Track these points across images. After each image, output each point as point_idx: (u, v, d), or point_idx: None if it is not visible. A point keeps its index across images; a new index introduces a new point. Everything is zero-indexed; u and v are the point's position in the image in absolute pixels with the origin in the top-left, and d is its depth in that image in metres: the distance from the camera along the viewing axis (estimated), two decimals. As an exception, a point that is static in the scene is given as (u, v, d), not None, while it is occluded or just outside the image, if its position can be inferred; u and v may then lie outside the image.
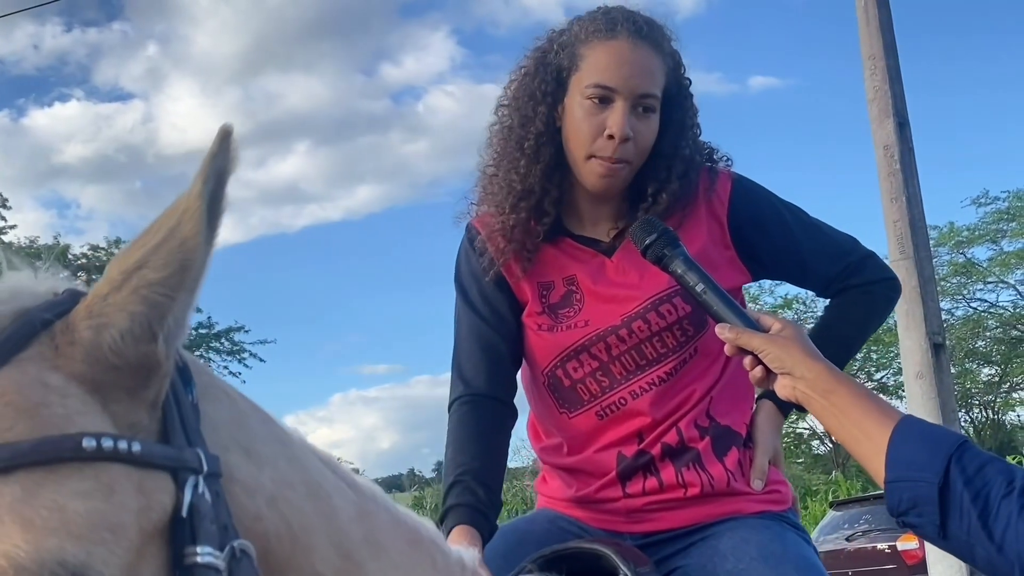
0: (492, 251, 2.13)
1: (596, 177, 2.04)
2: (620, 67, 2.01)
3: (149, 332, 0.90)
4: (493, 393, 2.10)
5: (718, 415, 2.06)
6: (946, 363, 9.73)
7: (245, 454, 1.01)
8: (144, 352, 0.90)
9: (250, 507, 0.99)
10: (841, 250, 2.17)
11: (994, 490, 1.44)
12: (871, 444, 1.55)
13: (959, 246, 30.72)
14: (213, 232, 0.91)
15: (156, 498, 0.90)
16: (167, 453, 0.92)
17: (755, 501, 2.03)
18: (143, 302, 0.90)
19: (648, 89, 2.03)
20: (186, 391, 0.97)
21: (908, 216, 9.52)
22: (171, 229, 0.90)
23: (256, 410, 1.08)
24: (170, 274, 0.90)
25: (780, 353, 1.64)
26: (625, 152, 2.01)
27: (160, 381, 0.93)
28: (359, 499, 1.17)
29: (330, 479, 1.13)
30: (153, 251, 0.90)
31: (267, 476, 1.02)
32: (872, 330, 2.25)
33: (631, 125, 2.00)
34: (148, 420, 0.93)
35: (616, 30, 2.05)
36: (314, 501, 1.07)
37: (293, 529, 1.02)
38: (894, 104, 9.65)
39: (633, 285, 2.06)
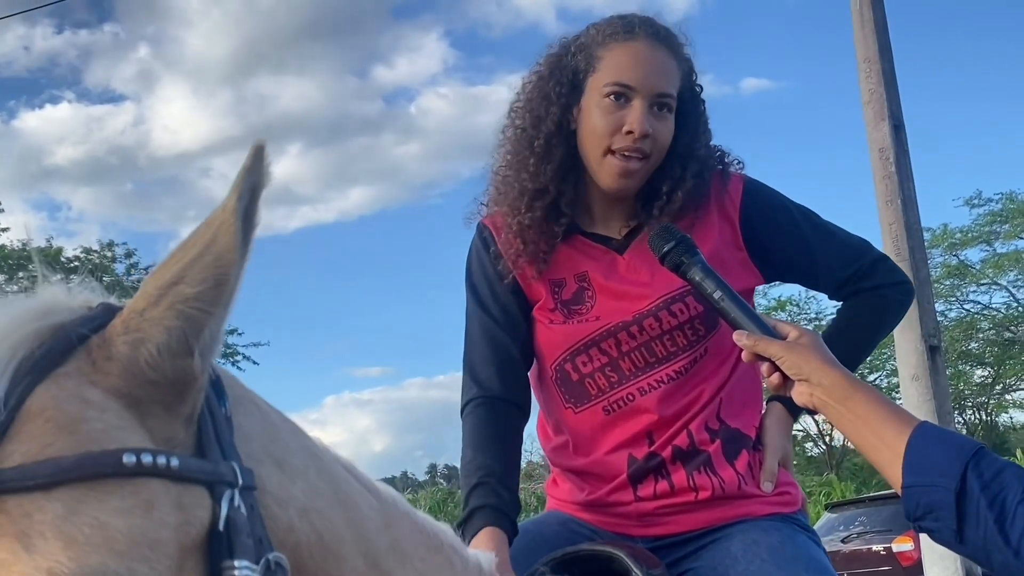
0: (507, 252, 2.14)
1: (613, 176, 2.06)
2: (639, 66, 2.05)
3: (186, 347, 0.91)
4: (507, 395, 2.11)
5: (728, 417, 2.07)
6: (941, 365, 9.74)
7: (277, 466, 1.01)
8: (181, 367, 0.91)
9: (283, 519, 0.99)
10: (853, 253, 2.17)
11: (1011, 496, 1.44)
12: (888, 450, 1.56)
13: (952, 248, 30.83)
14: (247, 247, 0.92)
15: (194, 513, 0.90)
16: (203, 467, 0.92)
17: (765, 503, 2.04)
18: (180, 317, 0.90)
19: (665, 88, 2.06)
20: (219, 404, 0.98)
21: (903, 219, 9.54)
22: (207, 244, 0.91)
23: (286, 421, 1.09)
24: (206, 289, 0.90)
25: (798, 360, 1.66)
26: (645, 145, 2.04)
27: (196, 395, 0.94)
28: (383, 507, 1.18)
29: (356, 488, 1.14)
30: (189, 266, 0.91)
31: (298, 487, 1.02)
32: (884, 333, 2.25)
33: (649, 123, 2.03)
34: (184, 434, 0.94)
35: (635, 32, 2.09)
36: (343, 511, 1.08)
37: (324, 539, 1.03)
38: (889, 107, 9.67)
39: (645, 283, 2.08)
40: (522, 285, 2.16)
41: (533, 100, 2.16)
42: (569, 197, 2.12)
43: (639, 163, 2.05)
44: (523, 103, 2.19)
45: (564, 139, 2.11)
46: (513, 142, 2.18)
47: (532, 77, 2.19)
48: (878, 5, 9.94)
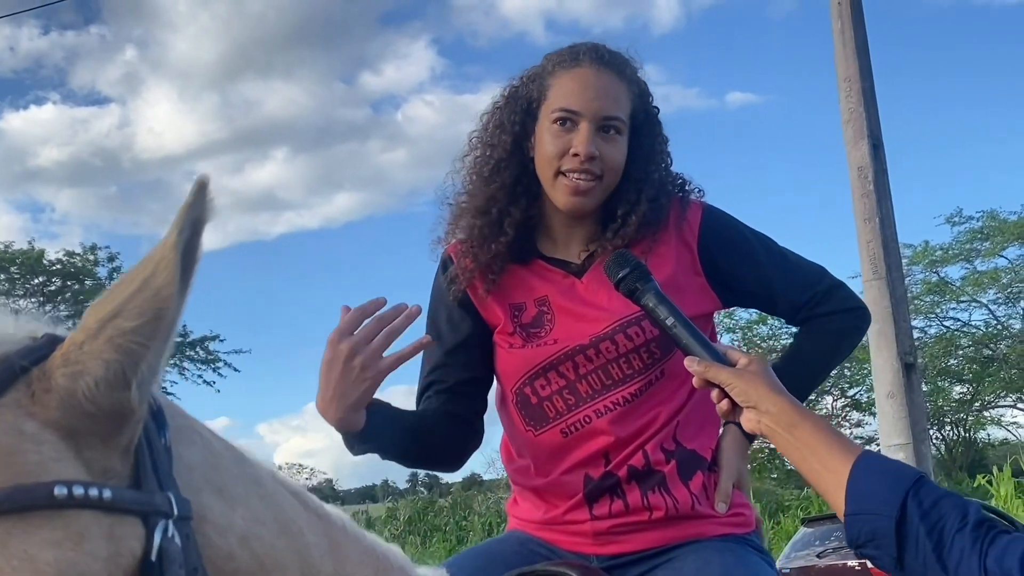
0: (460, 273, 2.19)
1: (566, 195, 2.11)
2: (583, 91, 2.11)
3: (123, 380, 0.92)
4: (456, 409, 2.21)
5: (684, 439, 2.10)
6: (917, 383, 9.82)
7: (218, 494, 1.03)
8: (118, 399, 0.92)
9: (223, 547, 1.00)
10: (809, 279, 2.21)
11: (949, 524, 1.48)
12: (832, 478, 1.60)
13: (933, 265, 30.98)
14: (187, 282, 0.94)
15: (126, 544, 0.91)
16: (138, 498, 0.93)
17: (719, 524, 2.08)
18: (118, 350, 0.92)
19: (611, 112, 2.11)
20: (159, 435, 0.99)
21: (881, 237, 9.62)
22: (145, 279, 0.92)
23: (230, 449, 1.10)
24: (144, 323, 0.92)
25: (746, 387, 1.69)
26: (594, 167, 2.08)
27: (133, 427, 0.95)
28: (329, 531, 1.19)
29: (301, 514, 1.15)
30: (128, 300, 0.92)
31: (239, 515, 1.04)
32: (840, 358, 2.29)
33: (596, 145, 2.08)
34: (121, 465, 0.95)
35: (579, 59, 2.15)
36: (286, 538, 1.09)
37: (265, 567, 1.04)
38: (868, 126, 9.75)
39: (603, 306, 2.11)
40: (480, 310, 2.21)
41: (489, 129, 2.23)
42: (516, 218, 2.17)
43: (589, 183, 2.09)
44: (479, 133, 2.25)
45: (514, 163, 2.17)
46: (475, 172, 2.24)
47: (492, 108, 2.26)
48: (859, 26, 10.03)
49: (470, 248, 2.17)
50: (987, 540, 1.45)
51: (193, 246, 0.94)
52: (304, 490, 1.21)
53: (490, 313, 2.20)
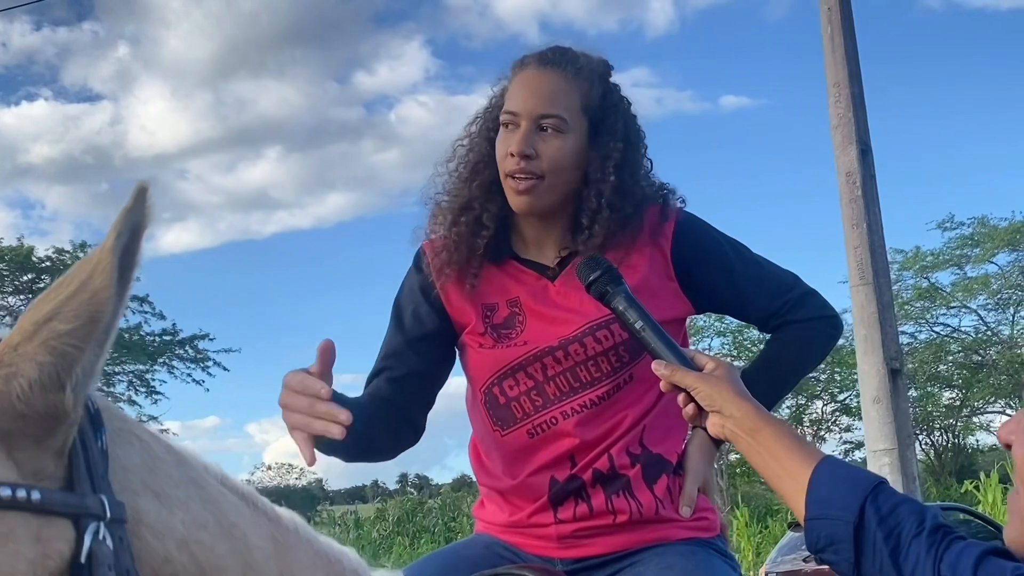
0: (436, 269, 2.19)
1: (513, 194, 2.12)
2: (522, 92, 2.14)
3: (57, 382, 0.92)
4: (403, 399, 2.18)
5: (651, 443, 2.11)
6: (903, 388, 9.84)
7: (156, 497, 1.03)
8: (52, 401, 0.92)
9: (160, 550, 1.00)
10: (781, 286, 2.22)
11: (905, 530, 1.49)
12: (793, 482, 1.61)
13: (924, 270, 31.06)
14: (125, 286, 0.94)
15: (54, 546, 0.92)
16: (68, 500, 0.93)
17: (683, 528, 2.08)
18: (52, 352, 0.92)
19: (547, 110, 2.11)
20: (95, 437, 0.99)
21: (868, 242, 9.65)
22: (83, 282, 0.93)
23: (171, 453, 1.10)
24: (79, 326, 0.92)
25: (711, 391, 1.70)
26: (532, 166, 2.09)
27: (67, 429, 0.95)
28: (279, 534, 1.19)
29: (247, 517, 1.15)
30: (64, 303, 0.92)
31: (178, 519, 1.03)
32: (810, 366, 2.30)
33: (531, 143, 2.09)
34: (54, 467, 0.95)
35: (524, 63, 2.19)
36: (228, 541, 1.09)
37: (204, 569, 1.04)
38: (857, 131, 9.78)
39: (573, 309, 2.12)
40: (449, 310, 2.21)
41: (472, 134, 2.26)
42: (493, 212, 2.17)
43: (528, 182, 2.09)
44: (463, 138, 2.28)
45: (487, 164, 2.19)
46: (455, 175, 2.26)
47: (474, 116, 2.29)
48: (849, 32, 10.06)
49: (447, 246, 2.18)
50: (942, 546, 1.46)
51: (132, 251, 0.94)
52: (254, 493, 1.21)
53: (460, 313, 2.20)
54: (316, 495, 60.26)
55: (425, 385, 2.22)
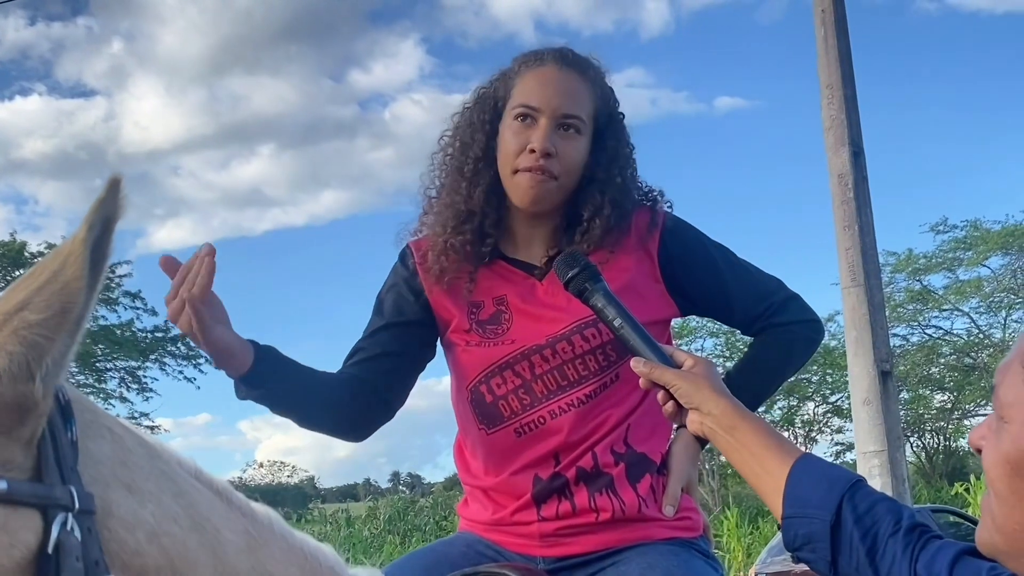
0: (431, 272, 2.18)
1: (523, 190, 2.12)
2: (544, 88, 2.13)
3: (27, 372, 0.92)
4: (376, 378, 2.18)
5: (635, 442, 2.11)
6: (893, 390, 9.86)
7: (127, 489, 1.03)
8: (21, 392, 0.93)
9: (129, 542, 1.01)
10: (766, 290, 2.24)
11: (882, 528, 1.50)
12: (771, 480, 1.61)
13: (916, 273, 31.10)
14: (97, 277, 0.95)
15: (20, 536, 0.92)
16: (36, 491, 0.94)
17: (665, 527, 2.08)
18: (22, 343, 0.92)
19: (570, 110, 2.12)
20: (65, 429, 0.99)
21: (860, 244, 9.66)
22: (54, 272, 0.93)
23: (143, 446, 1.10)
24: (50, 316, 0.92)
25: (689, 389, 1.70)
26: (549, 165, 2.10)
27: (36, 420, 0.95)
28: (253, 529, 1.19)
29: (220, 511, 1.15)
30: (35, 293, 0.93)
31: (149, 511, 1.04)
32: (792, 369, 2.31)
33: (553, 142, 2.10)
34: (23, 458, 0.95)
35: (543, 59, 2.19)
36: (199, 534, 1.09)
37: (174, 563, 1.04)
38: (850, 133, 9.79)
39: (561, 308, 2.12)
40: (435, 308, 2.21)
41: (461, 128, 2.24)
42: (493, 219, 2.18)
43: (544, 180, 2.10)
44: (452, 132, 2.27)
45: (489, 163, 2.18)
46: (444, 168, 2.25)
47: (461, 108, 2.27)
48: (842, 33, 10.07)
49: (451, 249, 2.17)
50: (919, 545, 1.46)
51: (104, 243, 0.95)
52: (229, 487, 1.21)
53: (445, 311, 2.20)
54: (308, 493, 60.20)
55: (398, 365, 2.22)
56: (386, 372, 2.20)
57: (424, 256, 2.22)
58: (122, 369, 27.30)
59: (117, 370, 27.30)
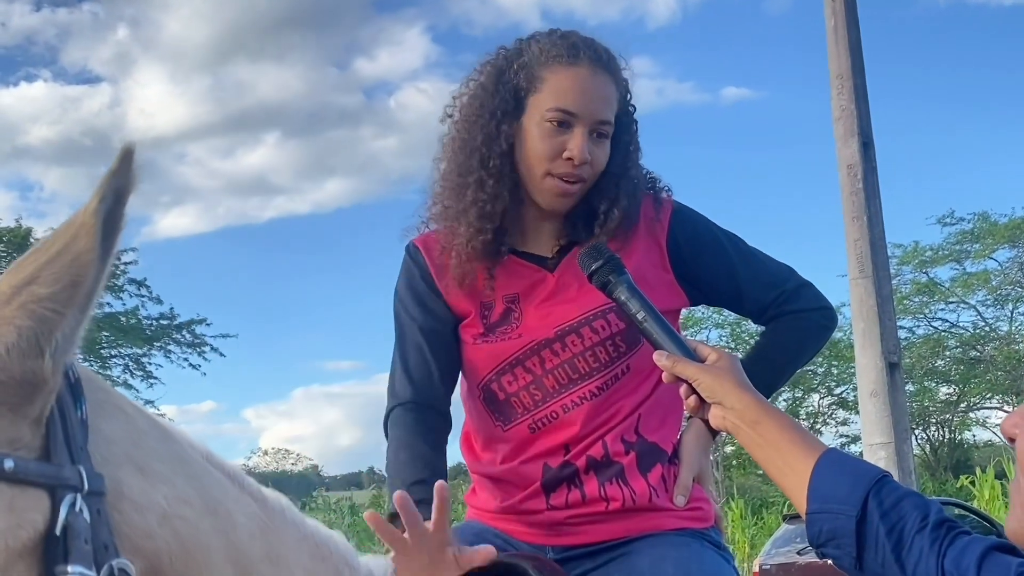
0: (458, 270, 2.12)
1: (552, 196, 2.09)
2: (582, 94, 2.06)
3: (36, 347, 0.89)
4: (433, 404, 2.13)
5: (646, 432, 2.08)
6: (900, 382, 9.83)
7: (138, 471, 1.00)
8: (30, 367, 0.89)
9: (140, 524, 0.98)
10: (777, 278, 2.20)
11: (909, 524, 1.46)
12: (795, 475, 1.58)
13: (923, 265, 31.08)
14: (109, 250, 0.91)
15: (27, 516, 0.89)
16: (44, 471, 0.90)
17: (676, 517, 2.05)
18: (31, 316, 0.89)
19: (605, 116, 2.09)
20: (75, 407, 0.96)
21: (868, 235, 9.62)
22: (65, 245, 0.89)
23: (156, 427, 1.07)
24: (60, 289, 0.89)
25: (712, 383, 1.67)
26: (583, 171, 2.06)
27: (45, 397, 0.92)
28: (265, 514, 1.17)
29: (233, 495, 1.13)
30: (45, 266, 0.89)
31: (161, 494, 1.01)
32: (806, 357, 2.27)
33: (588, 149, 2.05)
34: (31, 436, 0.92)
35: (579, 57, 2.09)
36: (212, 518, 1.06)
37: (187, 546, 1.02)
38: (859, 124, 9.75)
39: (571, 300, 2.09)
40: (449, 303, 2.17)
41: (480, 115, 2.13)
42: (512, 215, 2.14)
43: (577, 187, 2.08)
44: (465, 115, 2.17)
45: (502, 154, 2.11)
46: (459, 160, 2.16)
47: (471, 87, 2.18)
48: (852, 24, 10.01)
49: (471, 248, 2.11)
50: (946, 541, 1.43)
51: (116, 215, 0.91)
52: (242, 472, 1.19)
53: (459, 306, 2.16)
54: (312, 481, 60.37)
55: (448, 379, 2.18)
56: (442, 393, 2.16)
57: (436, 254, 2.17)
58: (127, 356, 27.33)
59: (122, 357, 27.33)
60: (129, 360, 27.43)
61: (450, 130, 2.21)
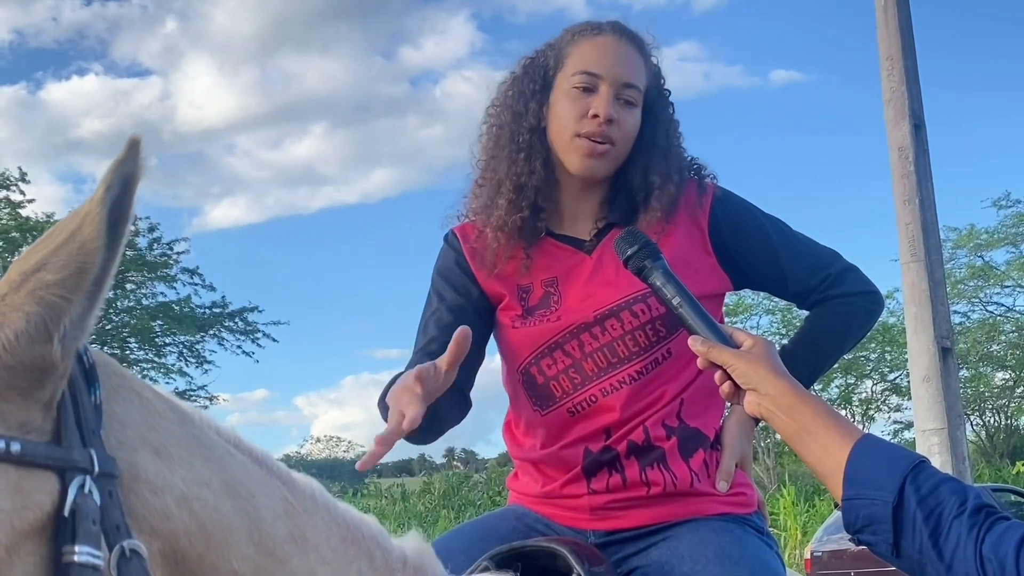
0: (493, 246, 2.15)
1: (581, 156, 2.11)
2: (605, 56, 2.13)
3: (45, 333, 0.92)
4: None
5: (688, 417, 2.08)
6: (954, 367, 9.70)
7: (155, 454, 1.02)
8: (39, 353, 0.92)
9: (157, 506, 1.00)
10: (822, 262, 2.19)
11: (946, 510, 1.44)
12: (831, 461, 1.56)
13: (978, 249, 30.54)
14: (116, 238, 0.94)
15: (34, 498, 0.91)
16: (53, 453, 0.93)
17: (718, 503, 2.05)
18: (40, 303, 0.91)
19: (631, 79, 2.12)
20: (89, 392, 0.99)
21: (920, 219, 9.50)
22: (71, 232, 0.92)
23: (175, 411, 1.09)
24: (67, 276, 0.92)
25: (747, 369, 1.66)
26: (611, 131, 2.09)
27: (56, 382, 0.95)
28: (292, 497, 1.18)
29: (257, 478, 1.15)
30: (53, 253, 0.92)
31: (179, 476, 1.03)
32: (851, 342, 2.25)
33: (614, 109, 2.09)
34: (42, 420, 0.94)
35: (602, 29, 2.18)
36: (232, 499, 1.08)
37: (205, 526, 1.04)
38: (910, 105, 9.62)
39: (610, 284, 2.09)
40: (483, 286, 2.18)
41: (511, 98, 2.21)
42: (545, 193, 2.16)
43: (605, 147, 2.10)
44: (500, 103, 2.23)
45: (542, 135, 2.16)
46: (494, 142, 2.22)
47: (508, 78, 2.25)
48: (903, 3, 9.88)
49: (507, 228, 2.13)
50: (984, 526, 1.41)
51: (124, 204, 0.94)
52: (269, 456, 1.21)
53: (496, 291, 2.18)
54: (364, 468, 60.52)
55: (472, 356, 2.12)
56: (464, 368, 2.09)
57: (473, 239, 2.20)
58: (181, 344, 27.64)
59: (176, 345, 27.63)
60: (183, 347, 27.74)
61: (485, 119, 2.26)
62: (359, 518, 1.30)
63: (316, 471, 3.06)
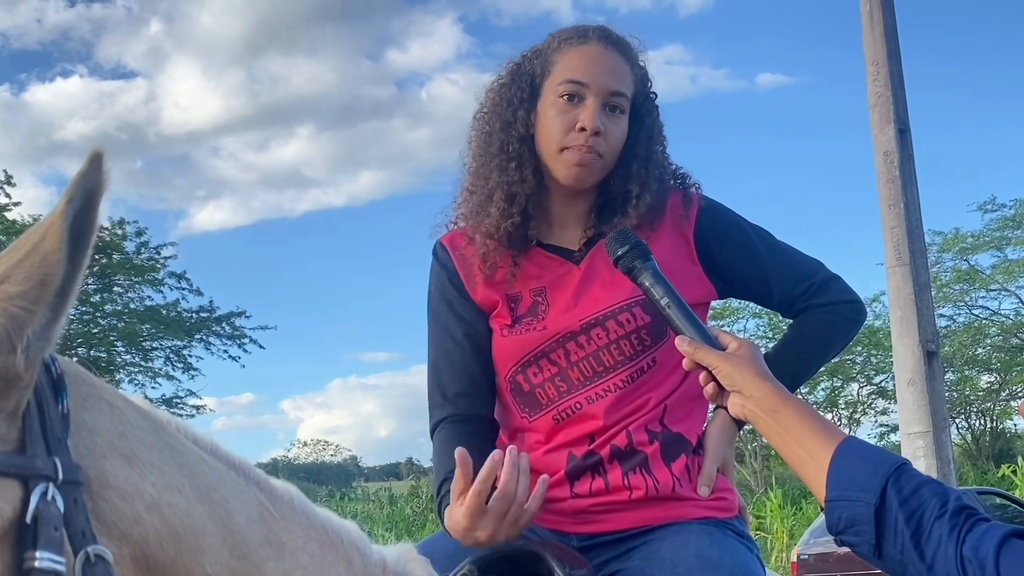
0: (476, 263, 2.16)
1: (569, 167, 2.10)
2: (592, 65, 2.12)
3: (8, 344, 0.93)
4: (478, 412, 2.16)
5: (671, 422, 2.09)
6: (939, 370, 9.74)
7: (125, 460, 1.03)
8: (2, 363, 0.93)
9: (127, 512, 1.01)
10: (805, 271, 2.21)
11: (928, 512, 1.46)
12: (814, 463, 1.58)
13: (963, 252, 30.70)
14: (79, 251, 0.95)
15: None
16: (15, 462, 0.94)
17: (699, 507, 2.06)
18: (2, 315, 0.92)
19: (618, 88, 2.12)
20: (56, 401, 0.99)
21: (906, 223, 9.54)
22: (34, 245, 0.94)
23: (146, 419, 1.11)
24: (29, 288, 0.93)
25: (732, 371, 1.68)
26: (597, 144, 2.09)
27: (20, 392, 0.96)
28: (269, 502, 1.20)
29: (231, 483, 1.16)
30: (16, 266, 0.93)
31: (149, 481, 1.04)
32: (834, 351, 2.28)
33: (601, 121, 2.08)
34: (7, 429, 0.95)
35: (588, 36, 2.16)
36: (205, 505, 1.09)
37: (177, 531, 1.05)
38: (895, 110, 9.66)
39: (596, 293, 2.11)
40: (477, 300, 2.19)
41: (499, 106, 2.20)
42: (535, 201, 2.16)
43: (592, 157, 2.09)
44: (489, 110, 2.23)
45: (524, 143, 2.16)
46: (483, 149, 2.21)
47: (494, 85, 2.24)
48: (888, 9, 9.92)
49: (495, 236, 2.13)
50: (965, 528, 1.42)
51: (87, 217, 0.95)
52: (247, 463, 1.22)
53: (486, 300, 2.18)
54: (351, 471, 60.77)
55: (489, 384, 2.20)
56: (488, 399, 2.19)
57: (462, 247, 2.20)
58: (168, 348, 27.59)
59: (163, 349, 27.59)
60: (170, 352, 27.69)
61: (474, 126, 2.26)
62: (338, 524, 1.31)
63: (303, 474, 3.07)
